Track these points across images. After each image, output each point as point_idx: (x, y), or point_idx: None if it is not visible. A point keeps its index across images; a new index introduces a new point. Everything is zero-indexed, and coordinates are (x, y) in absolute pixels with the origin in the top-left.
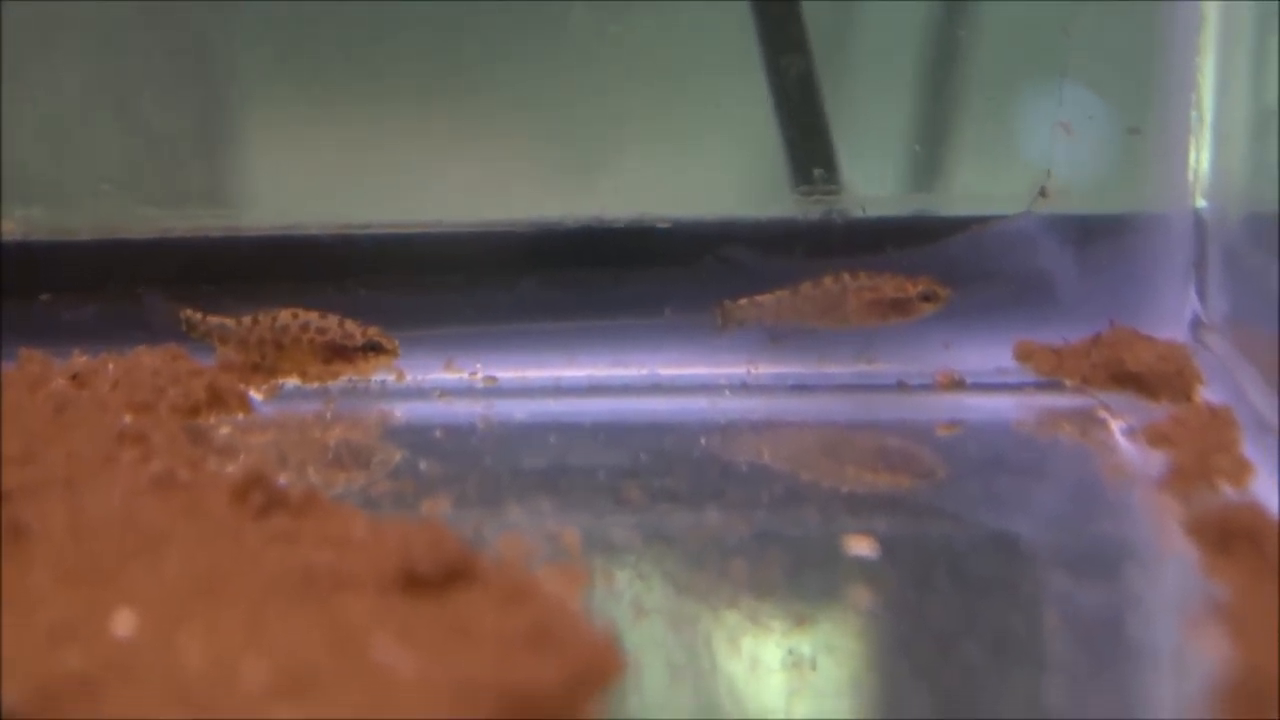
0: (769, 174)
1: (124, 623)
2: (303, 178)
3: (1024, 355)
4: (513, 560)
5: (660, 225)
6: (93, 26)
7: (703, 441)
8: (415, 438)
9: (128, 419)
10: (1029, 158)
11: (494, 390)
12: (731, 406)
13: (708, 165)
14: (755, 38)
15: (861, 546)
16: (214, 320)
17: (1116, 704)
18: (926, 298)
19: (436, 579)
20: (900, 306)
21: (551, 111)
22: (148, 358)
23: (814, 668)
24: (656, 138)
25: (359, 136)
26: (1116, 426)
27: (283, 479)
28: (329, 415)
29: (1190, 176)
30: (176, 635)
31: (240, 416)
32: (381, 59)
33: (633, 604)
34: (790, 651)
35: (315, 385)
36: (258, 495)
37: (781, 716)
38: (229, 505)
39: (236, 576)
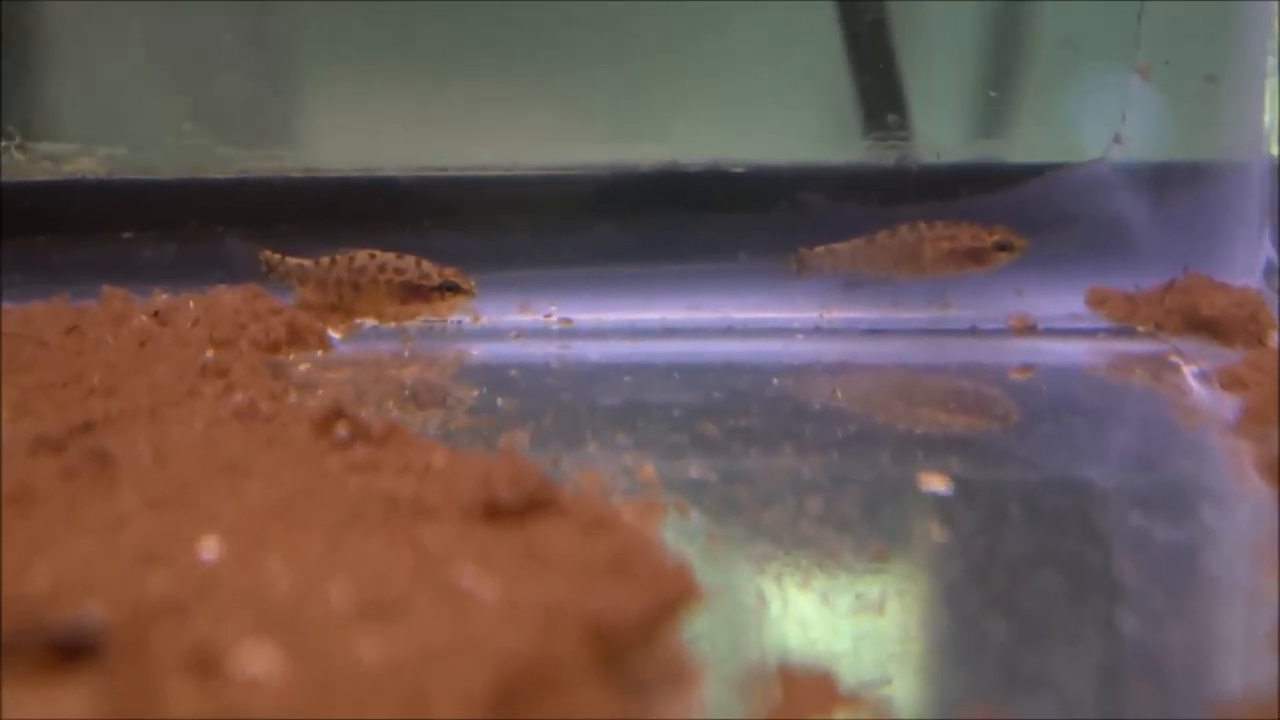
0: (842, 120)
1: (210, 546)
2: (379, 122)
3: (1097, 301)
4: (591, 492)
5: (735, 170)
6: None
7: (776, 382)
8: (492, 376)
9: (209, 354)
10: (1104, 103)
11: (569, 332)
12: (805, 349)
13: (782, 111)
14: None
15: (935, 483)
16: (292, 261)
17: (1189, 637)
18: (1003, 247)
19: (517, 508)
20: (976, 256)
21: (627, 56)
22: (228, 296)
23: (881, 611)
24: (731, 83)
25: (435, 82)
26: (1189, 371)
27: (362, 414)
28: (406, 354)
29: (1266, 123)
30: (262, 559)
31: (319, 354)
32: (459, 8)
33: (709, 538)
34: (858, 596)
35: (392, 325)
36: (339, 426)
37: (852, 651)
38: (310, 436)
39: (319, 503)
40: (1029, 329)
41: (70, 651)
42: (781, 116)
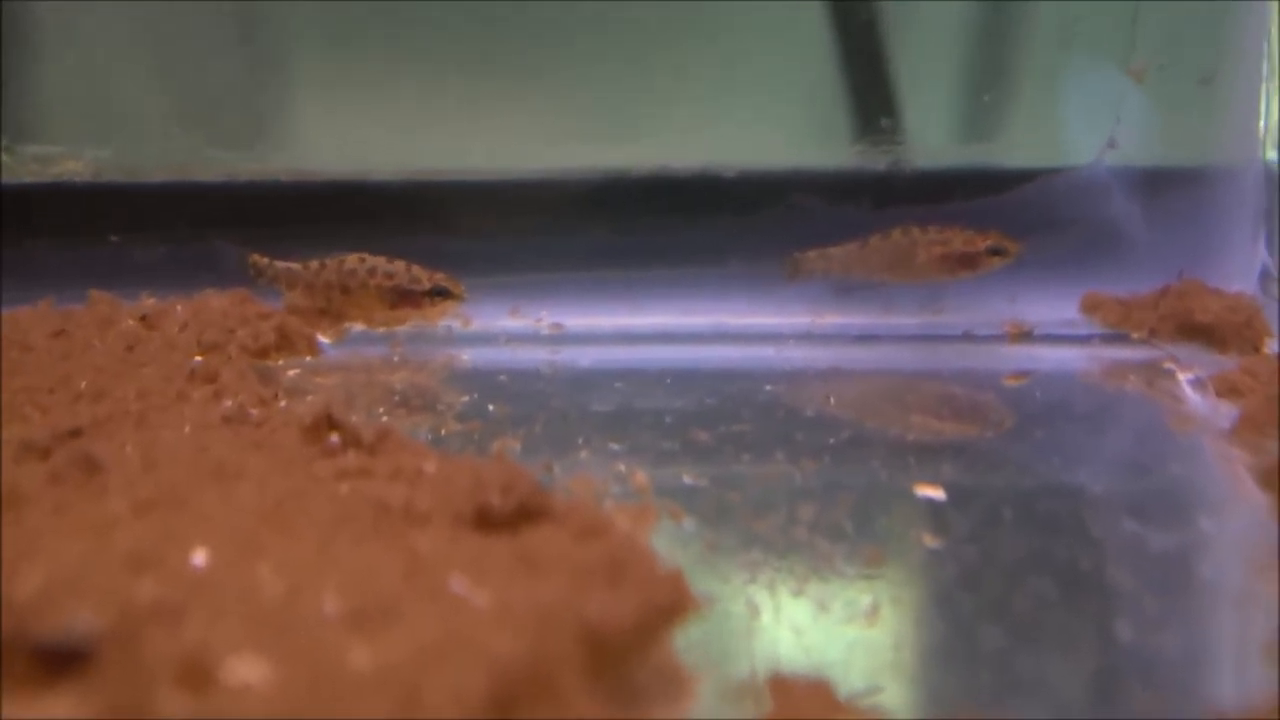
0: (835, 123)
1: (199, 551)
2: (371, 125)
3: (1091, 307)
4: (584, 498)
5: (726, 174)
6: None
7: (768, 388)
8: (482, 382)
9: (198, 359)
10: (1098, 107)
11: (560, 337)
12: (797, 355)
13: (774, 114)
14: None
15: (929, 489)
16: (281, 265)
17: (1183, 643)
18: (995, 251)
19: (509, 514)
20: (969, 260)
21: (619, 60)
22: (216, 300)
23: (875, 618)
24: (723, 87)
25: (426, 87)
26: (1184, 377)
27: (353, 419)
28: (396, 359)
29: (1260, 128)
30: (252, 564)
31: (308, 359)
32: (451, 10)
33: (701, 545)
34: (851, 603)
35: (382, 330)
36: (330, 431)
37: (845, 659)
38: (301, 441)
39: (310, 509)
40: (1023, 335)
41: (60, 657)
42: (773, 120)
